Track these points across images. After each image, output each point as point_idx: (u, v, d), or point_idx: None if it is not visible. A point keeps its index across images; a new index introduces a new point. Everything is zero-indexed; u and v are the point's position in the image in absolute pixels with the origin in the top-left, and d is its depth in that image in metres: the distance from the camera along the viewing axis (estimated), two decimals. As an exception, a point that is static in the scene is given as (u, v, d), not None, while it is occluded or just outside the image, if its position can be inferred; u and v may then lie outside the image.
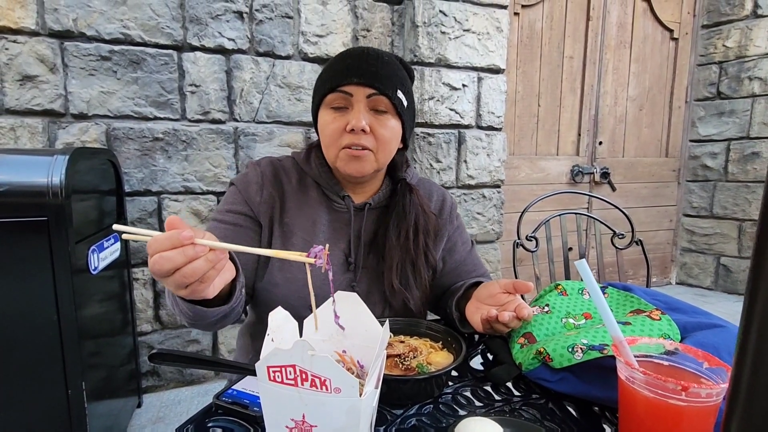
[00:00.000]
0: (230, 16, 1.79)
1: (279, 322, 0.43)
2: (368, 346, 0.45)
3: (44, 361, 1.14)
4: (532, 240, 1.42)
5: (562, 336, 0.55)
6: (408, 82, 0.80)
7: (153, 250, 0.44)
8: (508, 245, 2.62)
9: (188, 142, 1.79)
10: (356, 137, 0.72)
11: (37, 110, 1.60)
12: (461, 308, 0.76)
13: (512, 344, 0.61)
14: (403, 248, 0.78)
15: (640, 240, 1.39)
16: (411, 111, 0.80)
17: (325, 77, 0.76)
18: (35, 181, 1.08)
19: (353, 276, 0.80)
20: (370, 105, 0.73)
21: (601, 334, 0.52)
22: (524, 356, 0.56)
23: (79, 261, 1.20)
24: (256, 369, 0.35)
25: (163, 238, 0.43)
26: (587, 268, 0.44)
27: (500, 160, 2.18)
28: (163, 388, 1.90)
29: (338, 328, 0.46)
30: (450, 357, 0.59)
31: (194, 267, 0.43)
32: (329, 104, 0.75)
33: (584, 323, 0.61)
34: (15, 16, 1.55)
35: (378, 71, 0.73)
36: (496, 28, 2.07)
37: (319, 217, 0.80)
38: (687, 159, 3.18)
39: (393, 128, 0.75)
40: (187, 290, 0.46)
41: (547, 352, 0.52)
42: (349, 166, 0.74)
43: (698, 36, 3.06)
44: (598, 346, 0.49)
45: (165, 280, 0.45)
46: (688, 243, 3.24)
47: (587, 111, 2.83)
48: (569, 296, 0.66)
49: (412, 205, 0.81)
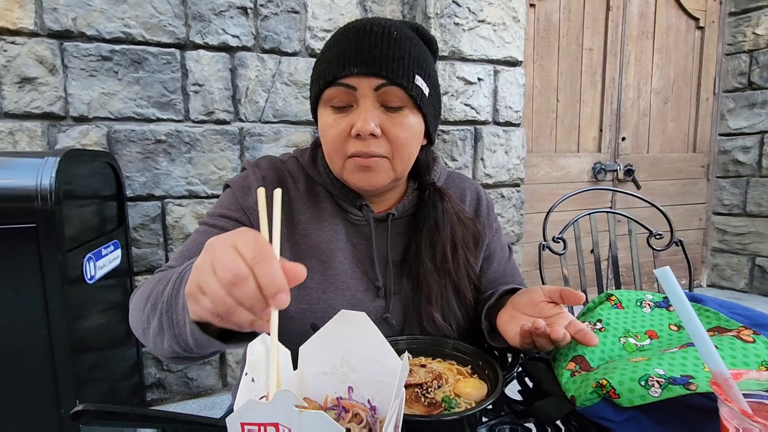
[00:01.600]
0: (234, 12, 1.72)
1: (261, 355, 0.33)
2: (381, 381, 0.35)
3: (35, 378, 1.06)
4: (560, 242, 1.30)
5: (625, 362, 0.44)
6: (429, 61, 0.63)
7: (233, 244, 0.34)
8: (528, 248, 2.49)
9: (192, 143, 1.71)
10: (364, 144, 0.58)
11: (37, 113, 1.54)
12: (491, 318, 0.63)
13: (559, 370, 0.50)
14: (441, 272, 0.65)
15: (680, 240, 1.26)
16: (435, 99, 0.64)
17: (321, 66, 0.61)
18: (23, 185, 1.01)
19: (384, 305, 0.66)
20: (380, 99, 0.58)
21: (680, 361, 0.41)
22: (578, 387, 0.45)
23: (73, 270, 1.12)
24: (227, 425, 0.25)
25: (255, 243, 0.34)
26: (672, 277, 0.33)
27: (519, 158, 2.06)
28: (169, 401, 1.82)
29: (343, 358, 0.36)
30: (482, 386, 0.48)
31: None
32: (328, 101, 0.60)
33: (648, 344, 0.50)
34: (13, 17, 1.50)
35: (386, 53, 0.57)
36: (513, 18, 1.96)
37: (336, 233, 0.66)
38: (716, 154, 3.01)
39: (412, 126, 0.60)
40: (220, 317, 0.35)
41: (611, 386, 0.41)
42: (359, 179, 0.61)
43: (725, 24, 2.90)
44: (681, 380, 0.38)
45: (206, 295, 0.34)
46: (720, 243, 3.06)
47: (609, 105, 2.69)
48: (625, 309, 0.55)
49: (445, 216, 0.66)
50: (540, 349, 0.54)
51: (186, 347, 0.44)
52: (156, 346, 0.49)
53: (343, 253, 0.66)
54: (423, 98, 0.60)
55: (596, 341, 0.49)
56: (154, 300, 0.48)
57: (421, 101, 0.60)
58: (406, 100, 0.59)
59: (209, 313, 0.36)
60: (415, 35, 0.62)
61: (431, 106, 0.63)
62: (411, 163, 0.64)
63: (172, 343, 0.45)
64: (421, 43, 0.63)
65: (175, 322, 0.44)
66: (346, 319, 0.36)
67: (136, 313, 0.53)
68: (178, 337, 0.44)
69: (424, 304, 0.64)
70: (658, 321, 0.53)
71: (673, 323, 0.52)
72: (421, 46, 0.62)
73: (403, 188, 0.71)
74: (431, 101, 0.62)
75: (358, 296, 0.65)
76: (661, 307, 0.55)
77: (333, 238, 0.65)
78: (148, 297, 0.50)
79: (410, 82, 0.58)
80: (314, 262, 0.64)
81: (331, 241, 0.65)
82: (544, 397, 0.49)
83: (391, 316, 0.65)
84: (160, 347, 0.48)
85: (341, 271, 0.65)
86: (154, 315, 0.47)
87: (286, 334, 0.63)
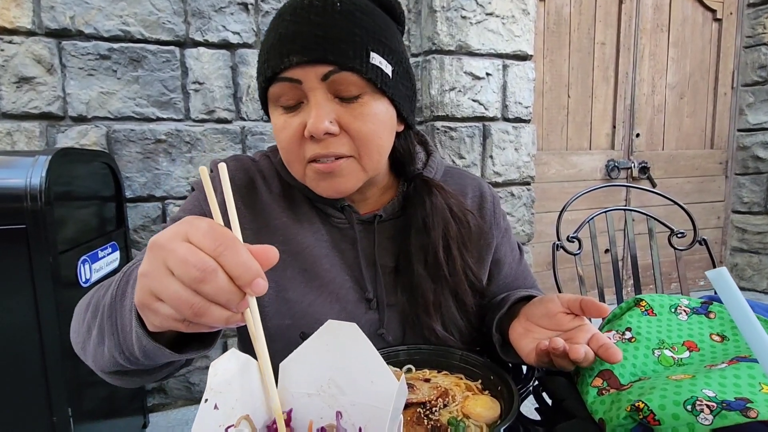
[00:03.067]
0: (235, 8, 1.68)
1: (228, 375, 0.28)
2: (375, 406, 0.29)
3: (27, 384, 1.02)
4: (574, 241, 1.23)
5: (664, 380, 0.37)
6: (391, 32, 0.53)
7: (186, 236, 0.29)
8: (539, 248, 2.41)
9: (192, 143, 1.68)
10: (322, 145, 0.49)
11: (35, 113, 1.52)
12: (504, 330, 0.56)
13: (584, 386, 0.44)
14: (435, 278, 0.57)
15: (704, 239, 1.18)
16: (402, 77, 0.53)
17: (260, 59, 0.51)
18: (11, 184, 0.97)
19: (378, 318, 0.58)
20: (333, 90, 0.49)
21: (732, 380, 0.34)
22: (608, 409, 0.38)
23: (67, 273, 1.08)
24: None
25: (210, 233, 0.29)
26: (729, 280, 0.26)
27: (529, 155, 1.99)
28: (170, 407, 1.78)
29: (330, 378, 0.30)
30: (494, 405, 0.42)
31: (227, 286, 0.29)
32: (275, 101, 0.51)
33: (688, 357, 0.43)
34: (10, 16, 1.47)
35: (330, 32, 0.47)
36: (522, 10, 1.89)
37: (319, 238, 0.58)
38: (735, 150, 2.90)
39: (376, 115, 0.50)
40: (186, 322, 0.30)
41: (650, 410, 0.34)
42: (324, 187, 0.52)
43: (744, 16, 2.79)
44: (736, 403, 0.32)
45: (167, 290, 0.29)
46: (739, 242, 2.95)
47: (622, 101, 2.60)
48: (658, 316, 0.48)
49: (435, 213, 0.57)
50: (558, 368, 0.47)
51: (131, 356, 0.38)
52: (96, 359, 0.42)
53: (329, 260, 0.58)
54: (385, 79, 0.50)
55: (620, 357, 0.42)
56: (94, 306, 0.42)
57: (383, 84, 0.50)
58: (364, 85, 0.49)
59: (172, 321, 0.30)
60: (369, 2, 0.52)
61: (398, 86, 0.53)
62: (384, 158, 0.55)
63: (114, 353, 0.39)
64: (378, 10, 0.53)
65: (119, 327, 0.39)
66: (333, 332, 0.31)
67: (76, 325, 0.46)
68: (122, 345, 0.38)
69: (422, 316, 0.56)
70: (698, 330, 0.46)
71: (715, 333, 0.46)
72: (377, 15, 0.51)
73: (389, 183, 0.63)
74: (397, 80, 0.52)
75: (349, 308, 0.58)
76: (699, 313, 0.48)
77: (316, 243, 0.58)
78: (88, 304, 0.44)
79: (365, 63, 0.48)
80: (296, 272, 0.57)
81: (314, 247, 0.57)
82: (567, 418, 0.42)
83: (386, 332, 0.58)
84: (101, 359, 0.41)
85: (328, 281, 0.57)
86: (94, 322, 0.41)
87: (269, 353, 0.56)
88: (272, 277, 0.56)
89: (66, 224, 1.11)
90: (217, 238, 0.28)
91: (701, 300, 0.50)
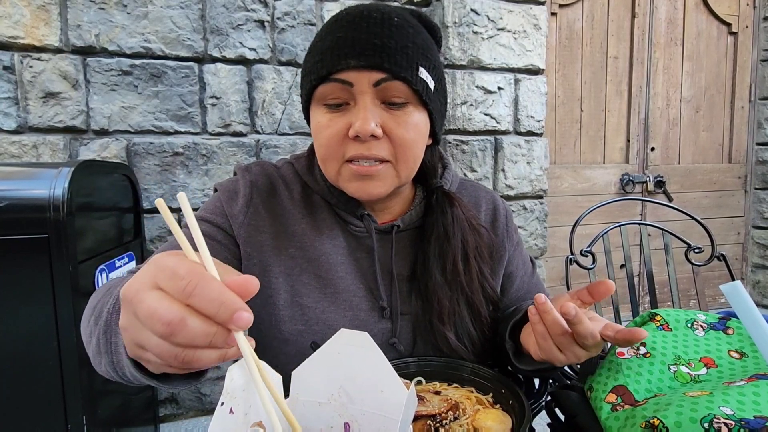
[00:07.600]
0: (251, 25, 1.73)
1: (243, 381, 0.28)
2: (385, 416, 0.29)
3: (43, 391, 1.04)
4: (588, 255, 1.21)
5: (681, 396, 0.36)
6: (434, 51, 0.56)
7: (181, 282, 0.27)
8: (552, 262, 2.38)
9: (209, 156, 1.71)
10: (364, 146, 0.51)
11: (59, 127, 1.57)
12: (517, 337, 0.55)
13: (597, 402, 0.43)
14: (452, 285, 0.58)
15: (722, 254, 1.15)
16: (441, 93, 0.57)
17: (312, 60, 0.54)
18: (35, 195, 1.00)
19: (391, 327, 0.59)
20: (381, 96, 0.52)
21: (751, 398, 0.34)
22: (622, 425, 0.38)
23: (85, 282, 1.11)
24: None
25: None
26: (744, 293, 0.26)
27: (542, 168, 1.98)
28: (182, 417, 1.78)
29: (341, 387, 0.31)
30: (506, 419, 0.42)
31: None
32: (321, 99, 0.54)
33: (705, 374, 0.42)
34: (39, 34, 1.54)
35: (387, 42, 0.50)
36: (534, 25, 1.91)
37: (336, 246, 0.60)
38: (754, 164, 2.84)
39: (417, 125, 0.54)
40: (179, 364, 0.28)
41: (665, 426, 0.34)
42: (357, 188, 0.54)
43: (760, 29, 2.77)
44: (755, 422, 0.31)
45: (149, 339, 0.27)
46: (761, 258, 2.86)
47: (636, 115, 2.58)
48: (674, 332, 0.47)
49: (456, 223, 0.59)
50: (562, 352, 0.45)
51: (123, 377, 0.38)
52: (95, 362, 0.42)
53: (344, 267, 0.59)
54: (428, 93, 0.53)
55: (645, 334, 0.40)
56: (98, 311, 0.42)
57: (427, 96, 0.53)
58: (410, 95, 0.52)
59: (166, 367, 0.30)
60: (417, 22, 0.56)
61: (437, 101, 0.56)
62: (417, 167, 0.57)
63: (109, 369, 0.39)
64: (425, 31, 0.56)
65: (113, 348, 0.38)
66: (345, 340, 0.31)
67: (85, 319, 0.46)
68: (116, 364, 0.38)
69: (436, 323, 0.56)
70: (715, 346, 0.45)
71: (734, 349, 0.45)
72: (424, 35, 0.55)
73: (409, 195, 0.65)
74: (437, 96, 0.56)
75: (362, 316, 0.59)
76: (716, 329, 0.47)
77: (332, 251, 0.59)
78: (96, 304, 0.43)
79: (414, 75, 0.51)
80: (312, 278, 0.58)
81: (331, 255, 0.59)
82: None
83: (398, 341, 0.58)
84: (98, 366, 0.42)
85: (342, 288, 0.58)
86: (95, 330, 0.41)
87: (281, 358, 0.56)
88: (288, 282, 0.58)
89: (86, 234, 1.14)
90: (183, 277, 0.26)
91: (719, 315, 0.49)
